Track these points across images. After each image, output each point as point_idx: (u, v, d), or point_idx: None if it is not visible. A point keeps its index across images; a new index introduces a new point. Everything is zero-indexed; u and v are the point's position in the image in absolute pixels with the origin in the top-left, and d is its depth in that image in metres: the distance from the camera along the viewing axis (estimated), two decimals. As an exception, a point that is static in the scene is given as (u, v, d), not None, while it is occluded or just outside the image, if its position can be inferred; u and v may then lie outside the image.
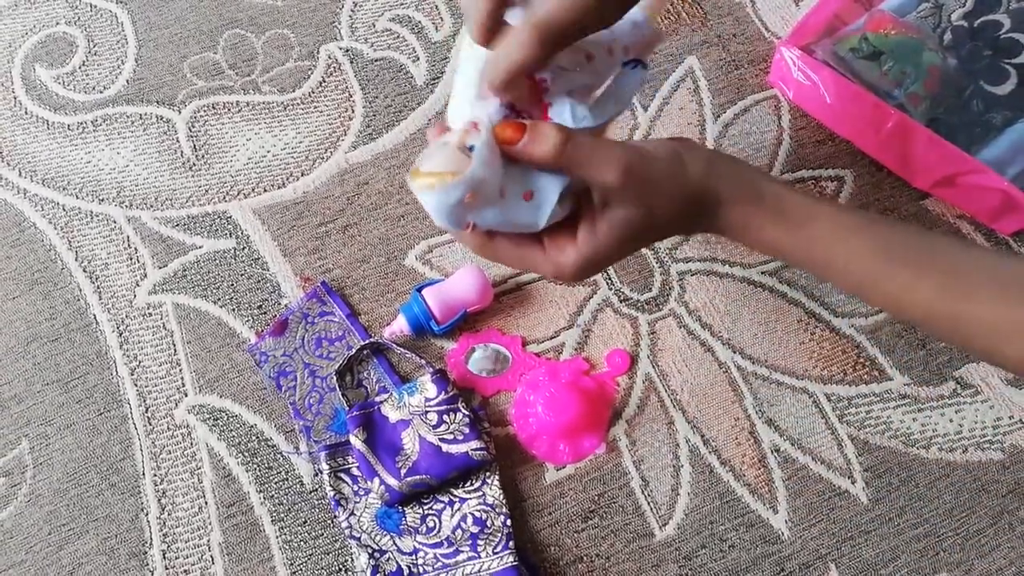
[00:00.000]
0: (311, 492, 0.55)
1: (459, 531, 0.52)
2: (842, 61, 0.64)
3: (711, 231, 0.43)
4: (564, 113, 0.38)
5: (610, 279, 0.62)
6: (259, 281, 0.61)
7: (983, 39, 0.65)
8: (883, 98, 0.61)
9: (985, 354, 0.42)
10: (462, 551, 0.52)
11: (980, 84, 0.64)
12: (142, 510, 0.55)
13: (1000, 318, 0.39)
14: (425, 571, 0.52)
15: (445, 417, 0.54)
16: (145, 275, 0.61)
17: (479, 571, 0.51)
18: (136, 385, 0.58)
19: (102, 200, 0.63)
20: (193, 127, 0.66)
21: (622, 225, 0.40)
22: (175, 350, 0.59)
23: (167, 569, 0.53)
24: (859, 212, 0.43)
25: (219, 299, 0.60)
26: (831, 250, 0.42)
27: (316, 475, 0.55)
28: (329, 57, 0.69)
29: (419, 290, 0.58)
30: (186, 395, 0.57)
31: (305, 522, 0.54)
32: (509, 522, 0.53)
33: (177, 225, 0.62)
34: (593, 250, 0.40)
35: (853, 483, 0.56)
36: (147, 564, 0.53)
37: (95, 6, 0.70)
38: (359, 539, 0.52)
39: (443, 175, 0.37)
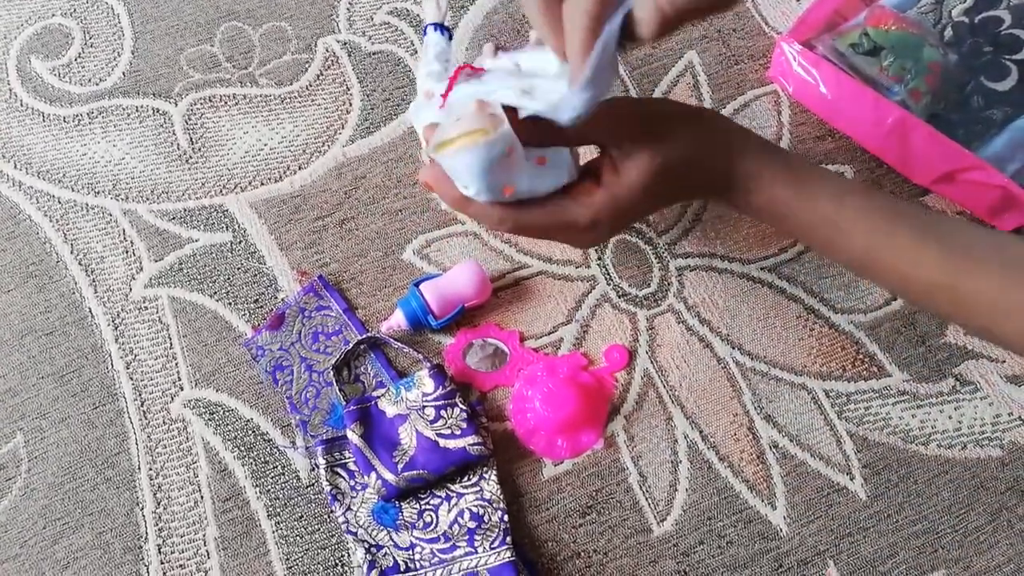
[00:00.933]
0: (308, 487, 0.55)
1: (456, 526, 0.52)
2: (842, 57, 0.63)
3: (722, 188, 0.43)
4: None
5: (608, 275, 0.61)
6: (256, 275, 0.60)
7: (984, 35, 0.65)
8: (883, 94, 0.61)
9: (983, 331, 0.42)
10: (459, 546, 0.52)
11: (981, 80, 0.64)
12: (137, 504, 0.54)
13: (1001, 295, 0.39)
14: (422, 566, 0.51)
15: (442, 412, 0.54)
16: (141, 268, 0.60)
17: (476, 566, 0.51)
18: (132, 379, 0.57)
19: (98, 193, 0.63)
20: (190, 120, 0.65)
21: (643, 169, 0.40)
22: (171, 344, 0.58)
23: (162, 563, 0.53)
24: (864, 183, 0.43)
25: (215, 293, 0.60)
26: (839, 211, 0.42)
27: (313, 470, 0.55)
28: (327, 50, 0.68)
29: (417, 285, 0.57)
30: (182, 389, 0.57)
31: (301, 517, 0.54)
32: (506, 517, 0.53)
33: (173, 218, 0.62)
34: (621, 191, 0.41)
35: (852, 479, 0.56)
36: (142, 558, 0.53)
37: (91, -2, 0.70)
38: (356, 534, 0.52)
39: (476, 133, 0.36)
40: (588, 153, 0.48)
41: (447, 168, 0.41)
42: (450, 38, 0.53)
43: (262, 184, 0.63)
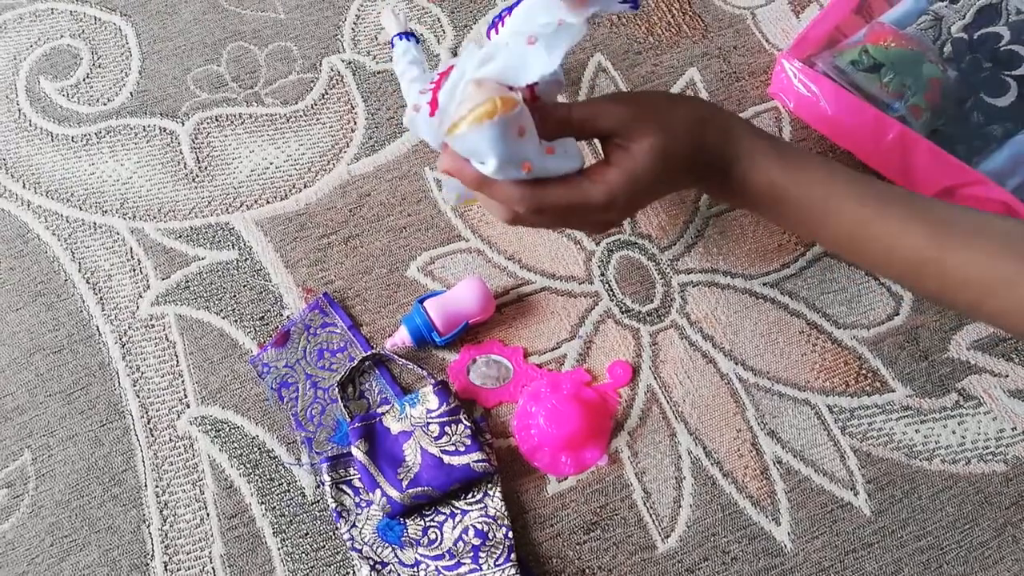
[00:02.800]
0: (313, 504, 0.55)
1: (461, 543, 0.52)
2: (842, 73, 0.64)
3: (722, 170, 0.44)
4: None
5: (611, 291, 0.62)
6: (261, 292, 0.61)
7: (983, 51, 0.66)
8: (884, 110, 0.62)
9: (968, 308, 0.43)
10: (464, 563, 0.52)
11: (980, 96, 0.64)
12: (144, 522, 0.54)
13: (987, 270, 0.40)
14: (427, 584, 0.51)
15: (447, 429, 0.54)
16: (148, 286, 0.61)
17: (481, 584, 0.51)
18: (138, 396, 0.58)
19: (105, 212, 0.63)
20: (196, 139, 0.66)
21: (654, 146, 0.42)
22: (177, 361, 0.59)
23: (168, 581, 0.53)
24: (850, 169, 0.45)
25: (221, 310, 0.60)
26: (829, 189, 0.43)
27: (318, 487, 0.55)
28: (331, 69, 0.69)
29: (421, 301, 0.58)
30: (188, 406, 0.57)
31: (307, 534, 0.54)
32: (511, 534, 0.53)
33: (180, 237, 0.63)
34: (635, 167, 0.42)
35: (856, 495, 0.56)
36: (148, 576, 0.53)
37: (99, 19, 0.71)
38: (361, 551, 0.52)
39: (486, 104, 0.37)
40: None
41: (463, 150, 0.40)
42: (417, 42, 0.54)
43: (268, 202, 0.64)
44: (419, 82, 0.49)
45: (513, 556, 0.52)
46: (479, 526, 0.53)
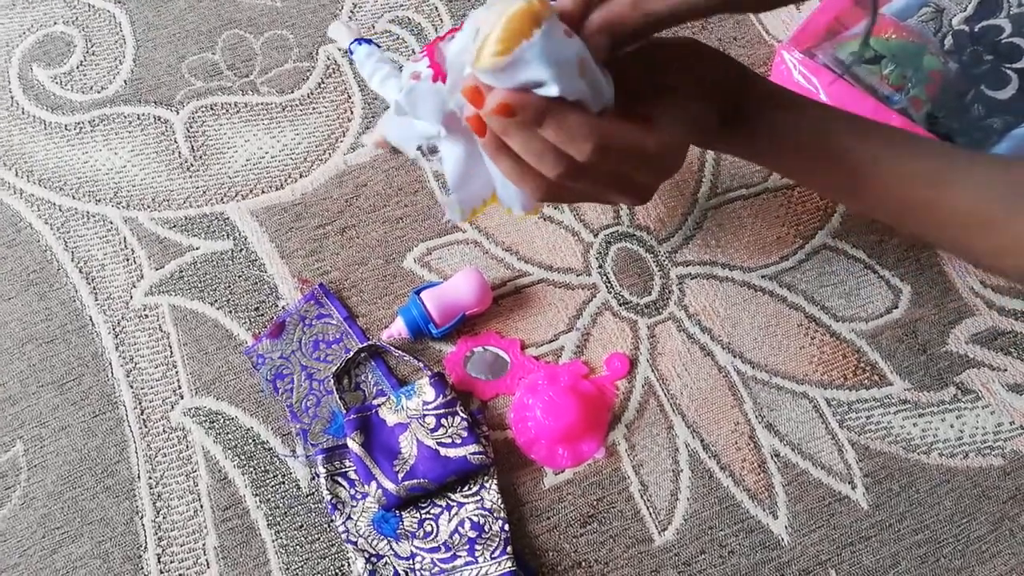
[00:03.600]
0: (308, 496, 0.55)
1: (457, 536, 0.52)
2: (843, 65, 0.64)
3: (741, 108, 0.43)
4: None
5: (609, 283, 0.61)
6: (256, 283, 0.60)
7: (984, 44, 0.65)
8: (884, 102, 0.61)
9: (953, 244, 0.44)
10: (460, 556, 0.51)
11: (981, 88, 0.64)
12: (137, 513, 0.54)
13: (976, 209, 0.40)
14: (422, 576, 0.51)
15: (443, 421, 0.54)
16: (142, 276, 0.60)
17: (477, 576, 0.51)
18: (132, 387, 0.57)
19: (99, 201, 0.63)
20: (191, 128, 0.65)
21: (691, 89, 0.40)
22: (171, 352, 0.58)
23: (162, 573, 0.52)
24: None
25: (216, 301, 0.60)
26: (840, 125, 0.43)
27: (313, 479, 0.55)
28: (328, 58, 0.69)
29: (417, 293, 0.57)
30: (182, 397, 0.57)
31: (302, 526, 0.54)
32: (507, 527, 0.52)
33: (174, 226, 0.62)
34: (680, 113, 0.39)
35: (853, 488, 0.56)
36: (142, 568, 0.53)
37: (93, 6, 0.70)
38: (356, 543, 0.52)
39: (522, 13, 0.31)
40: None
41: (508, 78, 0.33)
42: (377, 45, 0.53)
43: (263, 192, 0.63)
44: (394, 77, 0.47)
45: (509, 549, 0.52)
46: (475, 519, 0.52)
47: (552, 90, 0.33)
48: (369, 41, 0.53)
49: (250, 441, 0.56)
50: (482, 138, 0.37)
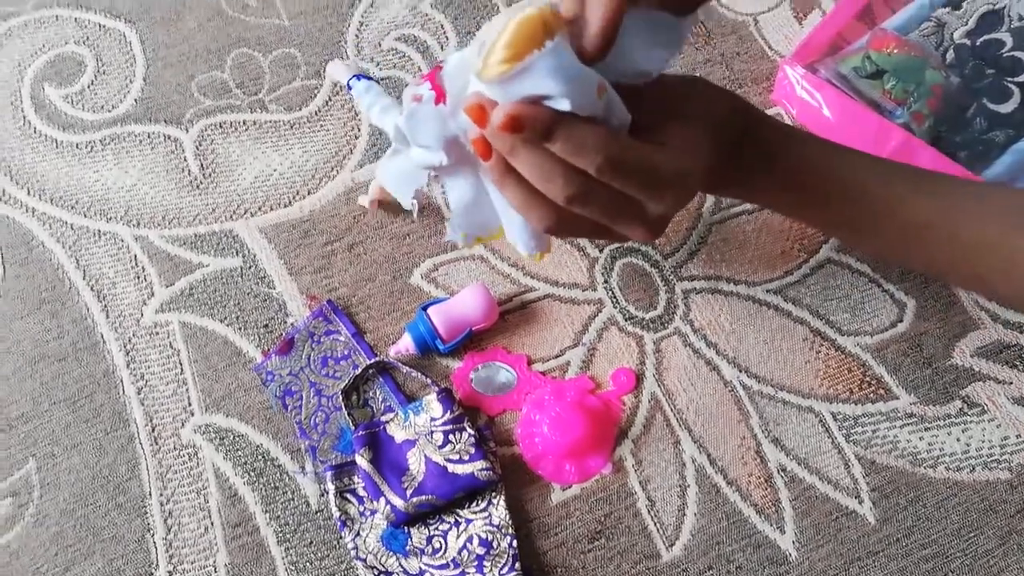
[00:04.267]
0: (317, 512, 0.55)
1: (465, 552, 0.52)
2: (845, 80, 0.64)
3: (751, 143, 0.44)
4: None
5: (615, 298, 0.62)
6: (265, 300, 0.61)
7: (986, 58, 0.66)
8: (886, 116, 0.62)
9: (970, 279, 0.45)
10: (468, 572, 0.52)
11: (983, 102, 0.64)
12: (148, 531, 0.54)
13: (996, 241, 0.41)
14: (431, 592, 0.51)
15: (451, 437, 0.54)
16: (152, 294, 0.61)
17: (485, 592, 0.51)
18: (143, 404, 0.58)
19: (110, 219, 0.63)
20: (200, 146, 0.66)
21: (700, 121, 0.40)
22: (182, 369, 0.59)
23: (173, 590, 0.53)
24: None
25: (225, 318, 0.60)
26: (847, 158, 0.45)
27: (322, 495, 0.55)
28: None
29: (424, 309, 0.58)
30: (192, 415, 0.57)
31: (311, 543, 0.54)
32: (515, 543, 0.53)
33: (184, 244, 0.63)
34: (694, 132, 0.39)
35: (860, 503, 0.56)
36: (153, 585, 0.53)
37: (104, 26, 0.71)
38: (365, 560, 0.52)
39: (544, 14, 0.28)
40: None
41: (516, 91, 0.31)
42: (376, 81, 0.53)
43: (272, 209, 0.64)
44: (394, 108, 0.46)
45: (518, 565, 0.52)
46: (483, 535, 0.53)
47: (563, 104, 0.31)
48: (368, 77, 0.54)
49: (260, 458, 0.56)
50: (487, 161, 0.36)
